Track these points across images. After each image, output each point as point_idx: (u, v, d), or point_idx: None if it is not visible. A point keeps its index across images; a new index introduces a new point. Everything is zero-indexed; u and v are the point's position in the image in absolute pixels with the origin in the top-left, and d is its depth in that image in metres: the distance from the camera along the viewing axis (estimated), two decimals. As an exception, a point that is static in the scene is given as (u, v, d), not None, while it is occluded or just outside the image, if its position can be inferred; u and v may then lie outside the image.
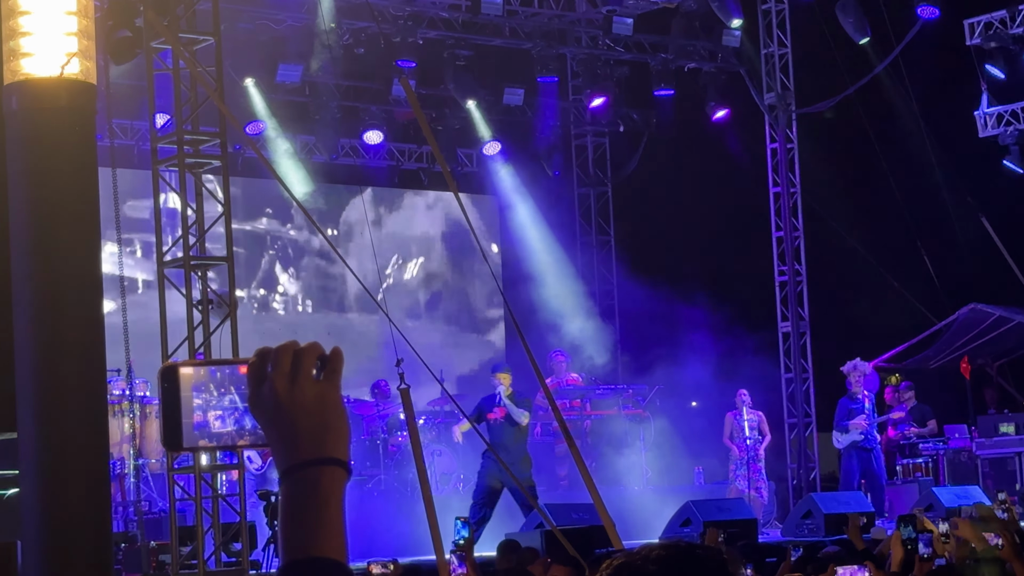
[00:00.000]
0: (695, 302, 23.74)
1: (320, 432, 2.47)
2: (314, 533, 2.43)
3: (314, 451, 2.46)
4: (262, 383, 2.48)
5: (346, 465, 2.49)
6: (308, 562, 2.42)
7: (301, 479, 2.45)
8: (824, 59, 23.83)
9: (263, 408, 2.49)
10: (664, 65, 24.74)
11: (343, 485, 2.49)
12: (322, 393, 2.49)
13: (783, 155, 24.65)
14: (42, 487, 5.26)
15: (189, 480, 14.15)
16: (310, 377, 2.48)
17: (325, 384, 2.50)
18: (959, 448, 22.81)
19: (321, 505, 2.44)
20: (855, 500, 19.56)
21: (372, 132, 24.04)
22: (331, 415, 2.49)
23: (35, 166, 5.37)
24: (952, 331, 23.79)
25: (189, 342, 14.24)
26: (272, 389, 2.47)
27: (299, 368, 2.48)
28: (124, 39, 15.11)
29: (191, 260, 14.34)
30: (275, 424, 2.48)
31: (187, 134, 14.33)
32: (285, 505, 2.46)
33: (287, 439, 2.47)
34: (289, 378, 2.47)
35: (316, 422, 2.47)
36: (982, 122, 24.37)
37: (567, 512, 16.93)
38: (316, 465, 2.46)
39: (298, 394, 2.47)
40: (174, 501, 14.08)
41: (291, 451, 2.47)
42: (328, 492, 2.46)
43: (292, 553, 2.43)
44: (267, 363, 2.49)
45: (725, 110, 25.24)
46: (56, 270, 5.39)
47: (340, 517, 2.47)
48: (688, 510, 18.27)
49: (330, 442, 2.48)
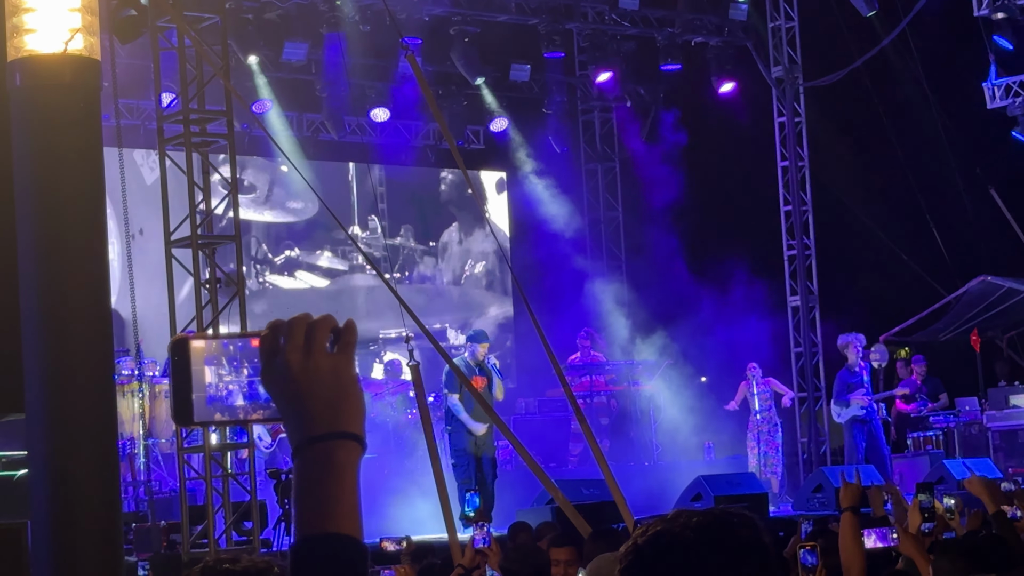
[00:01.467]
0: (704, 277, 23.71)
1: (335, 406, 2.42)
2: (328, 508, 2.39)
3: (328, 425, 2.42)
4: (275, 356, 2.43)
5: (361, 440, 2.44)
6: (322, 538, 2.38)
7: (315, 453, 2.41)
8: (831, 32, 23.74)
9: (276, 382, 2.44)
10: (671, 40, 24.68)
11: (358, 460, 2.45)
12: (336, 366, 2.44)
13: (791, 129, 24.59)
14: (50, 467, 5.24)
15: (199, 459, 14.14)
16: (324, 350, 2.44)
17: (339, 357, 2.45)
18: (970, 420, 22.78)
19: (336, 480, 2.40)
20: (866, 474, 19.52)
21: (379, 109, 24.00)
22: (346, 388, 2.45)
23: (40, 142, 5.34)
24: (962, 304, 23.73)
25: (198, 321, 14.23)
26: (285, 362, 2.42)
27: (313, 341, 2.43)
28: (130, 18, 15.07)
29: (199, 239, 14.31)
30: (289, 398, 2.43)
31: (193, 112, 14.29)
32: (299, 480, 2.42)
33: (301, 413, 2.42)
34: (303, 351, 2.42)
35: (330, 396, 2.42)
36: (990, 93, 24.27)
37: (578, 488, 16.93)
38: (331, 439, 2.42)
39: (312, 367, 2.42)
40: (184, 480, 14.07)
41: (305, 425, 2.42)
42: (343, 467, 2.42)
43: (306, 528, 2.39)
44: (280, 336, 2.44)
45: (732, 84, 25.18)
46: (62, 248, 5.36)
47: (355, 492, 2.43)
48: (699, 485, 18.28)
49: (345, 416, 2.43)
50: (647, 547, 2.74)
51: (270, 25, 21.83)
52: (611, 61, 24.75)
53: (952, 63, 24.42)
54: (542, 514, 15.61)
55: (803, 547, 7.29)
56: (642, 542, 2.76)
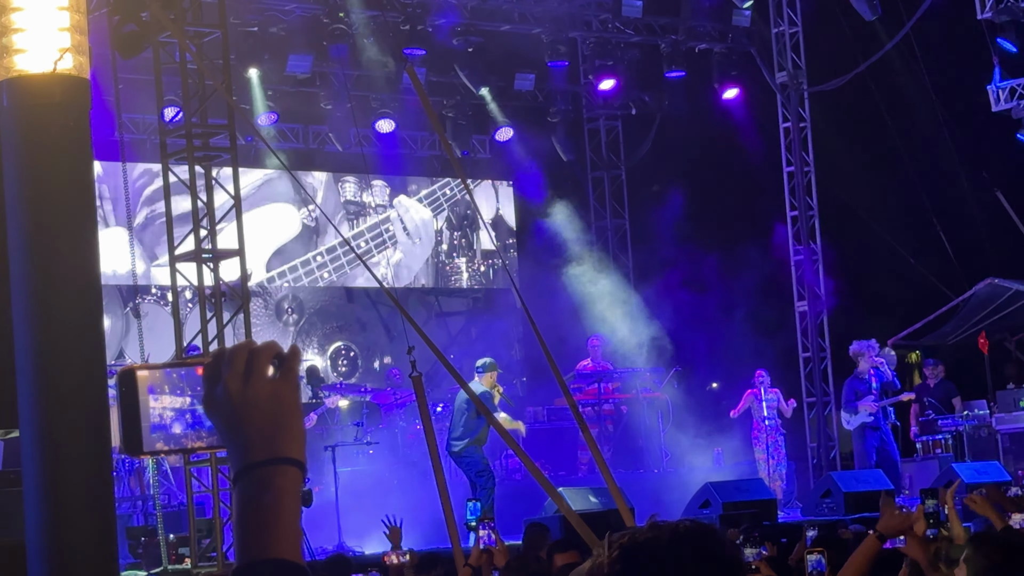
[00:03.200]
0: (711, 284, 23.71)
1: (273, 432, 2.43)
2: (269, 534, 2.39)
3: (268, 451, 2.43)
4: (216, 384, 2.45)
5: (301, 464, 2.45)
6: (262, 564, 2.39)
7: (255, 479, 2.42)
8: (834, 37, 23.75)
9: (216, 409, 2.45)
10: (674, 47, 24.71)
11: (298, 484, 2.45)
12: (276, 392, 2.45)
13: (796, 134, 24.60)
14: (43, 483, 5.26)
15: (207, 473, 14.18)
16: (264, 376, 2.44)
17: (280, 383, 2.46)
18: (979, 423, 22.76)
19: (275, 505, 2.41)
20: (874, 478, 19.53)
21: (384, 121, 24.04)
22: (285, 414, 2.45)
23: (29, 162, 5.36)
24: (969, 307, 23.71)
25: (203, 335, 14.26)
26: (225, 389, 2.43)
27: (253, 368, 2.44)
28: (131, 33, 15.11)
29: (203, 253, 14.35)
30: (228, 425, 2.45)
31: (196, 127, 14.34)
32: (239, 506, 2.43)
33: (240, 440, 2.44)
34: (242, 378, 2.43)
35: (270, 422, 2.43)
36: (995, 96, 24.25)
37: (586, 496, 16.94)
38: (270, 465, 2.42)
39: (251, 394, 2.43)
40: (192, 494, 14.11)
41: (245, 452, 2.43)
42: (283, 492, 2.42)
43: (247, 554, 2.40)
44: (222, 363, 2.46)
45: (737, 90, 25.20)
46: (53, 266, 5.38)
47: (295, 517, 2.43)
48: (707, 491, 18.28)
49: (283, 441, 2.44)
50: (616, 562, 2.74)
51: (274, 38, 21.88)
52: (615, 69, 24.78)
53: (956, 66, 24.42)
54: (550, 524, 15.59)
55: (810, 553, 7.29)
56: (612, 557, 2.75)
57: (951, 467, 19.92)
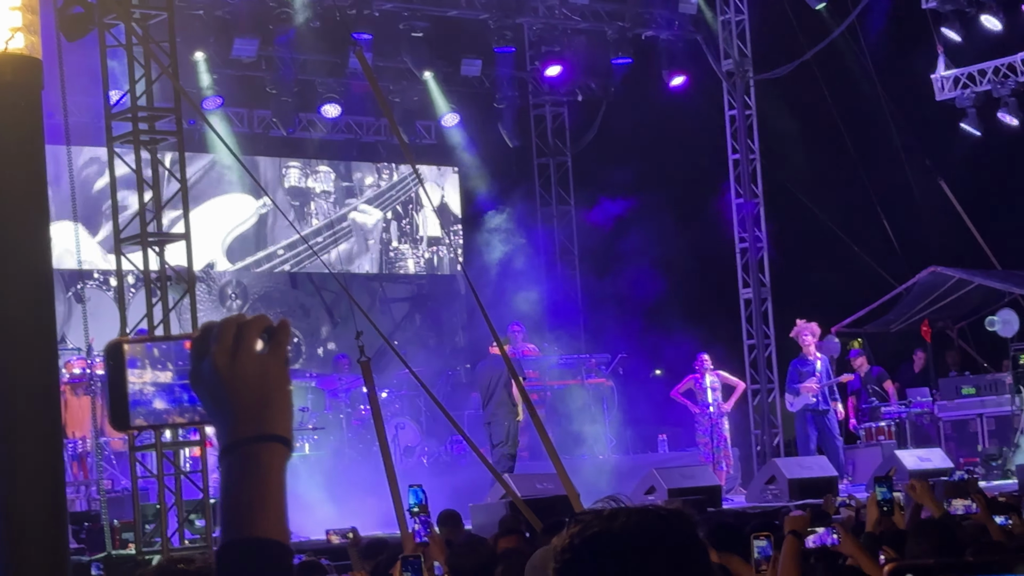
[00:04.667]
0: (656, 270, 23.74)
1: (260, 408, 2.40)
2: (254, 512, 2.36)
3: (254, 427, 2.39)
4: (204, 358, 2.41)
5: (288, 441, 2.41)
6: (248, 542, 2.36)
7: (241, 456, 2.38)
8: (781, 25, 23.81)
9: (203, 384, 2.42)
10: (621, 33, 24.72)
11: (284, 462, 2.41)
12: (264, 367, 2.41)
13: (741, 122, 24.65)
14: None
15: (151, 458, 14.10)
16: (252, 351, 2.41)
17: (268, 358, 2.42)
18: (921, 411, 22.90)
19: (262, 483, 2.37)
20: (818, 465, 19.63)
21: (329, 105, 23.95)
22: (273, 390, 2.41)
23: (-20, 142, 5.30)
24: (912, 294, 23.84)
25: (148, 319, 14.16)
26: (212, 364, 2.40)
27: (241, 342, 2.41)
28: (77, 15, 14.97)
29: (148, 237, 14.25)
30: (215, 400, 2.41)
31: (141, 110, 14.23)
32: (225, 483, 2.39)
33: (227, 415, 2.40)
34: (230, 352, 2.40)
35: (257, 397, 2.40)
36: (939, 85, 24.40)
37: (532, 482, 16.94)
38: (256, 442, 2.39)
39: (238, 369, 2.39)
40: (136, 479, 14.01)
41: (232, 428, 2.39)
42: (269, 469, 2.38)
43: (232, 533, 2.36)
44: (210, 338, 2.42)
45: (683, 77, 25.23)
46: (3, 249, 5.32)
47: (281, 495, 2.39)
48: (652, 478, 18.30)
49: (271, 418, 2.40)
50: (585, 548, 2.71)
51: (219, 21, 21.75)
52: (562, 55, 24.78)
53: (901, 55, 24.54)
54: (496, 509, 15.61)
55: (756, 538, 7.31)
56: (579, 542, 2.73)
57: (894, 454, 20.04)
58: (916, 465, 18.85)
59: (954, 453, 21.65)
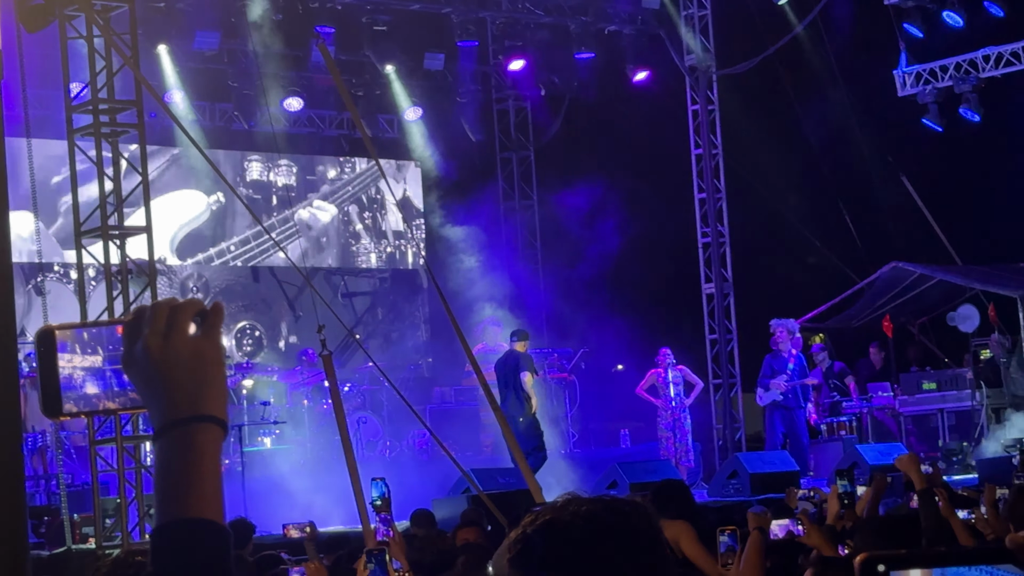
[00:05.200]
0: (619, 265, 23.75)
1: (194, 389, 2.38)
2: (189, 494, 2.34)
3: (189, 409, 2.37)
4: (136, 342, 2.40)
5: (223, 423, 2.40)
6: (184, 523, 2.33)
7: (175, 438, 2.36)
8: (744, 20, 23.84)
9: (136, 367, 2.40)
10: (584, 28, 24.72)
11: (219, 443, 2.39)
12: (198, 349, 2.40)
13: (704, 117, 24.66)
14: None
15: (112, 452, 14.03)
16: (185, 333, 2.39)
17: (202, 339, 2.41)
18: (882, 406, 22.97)
19: (196, 464, 2.35)
20: (780, 460, 19.67)
21: (292, 99, 23.88)
22: (207, 371, 2.40)
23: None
24: (874, 290, 23.91)
25: (109, 312, 14.10)
26: (145, 347, 2.38)
27: (174, 324, 2.39)
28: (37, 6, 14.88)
29: (109, 230, 14.19)
30: (148, 383, 2.39)
31: (102, 102, 14.16)
32: (159, 465, 2.37)
33: (161, 398, 2.38)
34: (162, 335, 2.38)
35: (191, 379, 2.38)
36: (901, 81, 24.49)
37: (493, 477, 16.95)
38: (190, 423, 2.37)
39: (171, 351, 2.38)
40: (97, 473, 13.96)
41: (165, 410, 2.38)
42: (203, 450, 2.36)
43: (167, 514, 2.34)
44: (143, 321, 2.41)
45: (646, 72, 25.24)
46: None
47: (216, 476, 2.37)
48: (614, 472, 18.31)
49: (205, 399, 2.38)
50: (537, 536, 2.72)
51: (181, 14, 21.65)
52: (525, 49, 24.76)
53: (863, 51, 24.60)
54: (458, 503, 15.62)
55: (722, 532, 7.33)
56: (531, 531, 2.72)
57: (855, 449, 20.09)
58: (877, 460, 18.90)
59: (915, 448, 21.71)
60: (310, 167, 25.85)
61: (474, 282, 23.58)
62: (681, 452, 20.98)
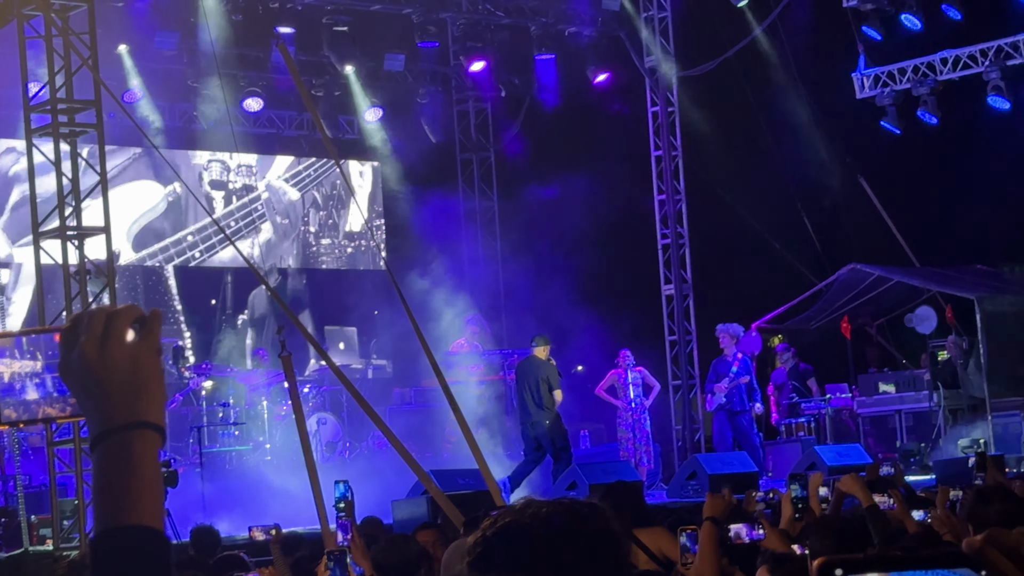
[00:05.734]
0: (579, 267, 23.76)
1: (131, 396, 2.38)
2: (127, 500, 2.34)
3: (125, 415, 2.37)
4: (73, 348, 2.40)
5: (160, 428, 2.40)
6: (122, 529, 2.33)
7: (112, 445, 2.36)
8: (704, 22, 23.91)
9: (73, 374, 2.40)
10: (544, 29, 24.73)
11: (156, 449, 2.39)
12: (134, 356, 2.40)
13: (664, 118, 24.70)
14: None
15: (70, 453, 13.98)
16: (122, 340, 2.39)
17: (139, 345, 2.41)
18: (840, 407, 23.06)
19: (134, 471, 2.35)
20: (739, 461, 19.72)
21: (252, 99, 23.83)
22: (143, 378, 2.40)
23: None
24: (832, 291, 23.99)
25: (67, 312, 14.05)
26: (81, 354, 2.38)
27: (110, 331, 2.39)
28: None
29: (67, 230, 14.14)
30: (85, 390, 2.40)
31: (61, 102, 14.10)
32: (97, 473, 2.38)
33: (97, 405, 2.39)
34: (99, 342, 2.38)
35: (127, 386, 2.38)
36: (859, 83, 24.59)
37: (453, 477, 16.92)
38: (127, 430, 2.37)
39: (107, 357, 2.38)
40: (54, 475, 13.90)
41: (102, 417, 2.38)
42: (141, 457, 2.36)
43: (105, 521, 2.34)
44: (80, 328, 2.41)
45: (606, 74, 25.27)
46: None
47: (155, 482, 2.38)
48: (574, 473, 18.32)
49: (141, 405, 2.39)
50: (496, 539, 2.72)
51: (140, 14, 21.57)
52: (485, 51, 24.76)
53: (822, 53, 24.70)
54: (417, 504, 15.59)
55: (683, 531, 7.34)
56: (490, 534, 2.73)
57: (813, 450, 20.15)
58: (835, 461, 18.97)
59: (873, 449, 21.82)
60: (270, 167, 25.78)
61: (434, 283, 23.55)
62: (641, 453, 21.01)
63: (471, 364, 22.45)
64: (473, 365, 22.51)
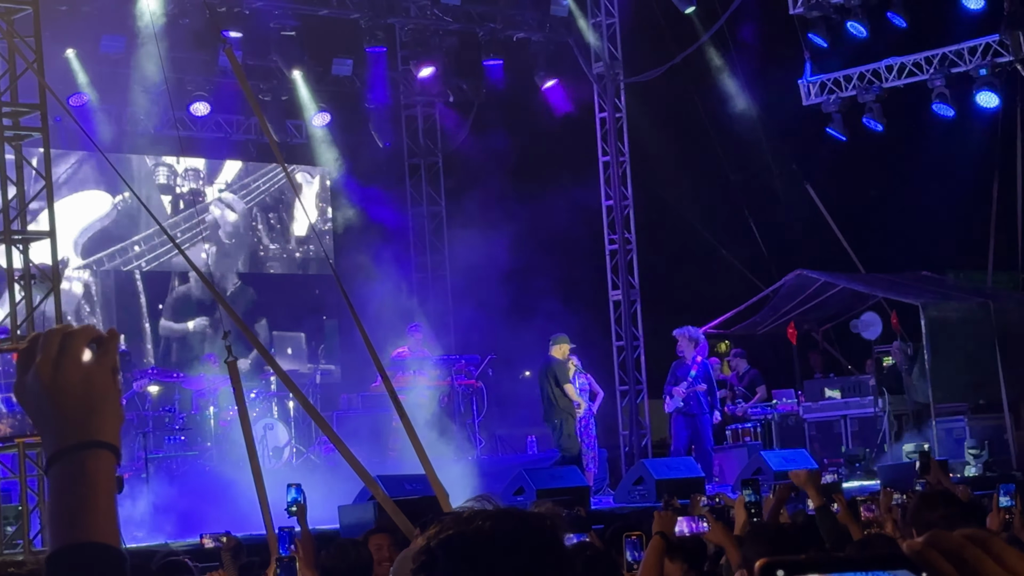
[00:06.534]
0: (527, 271, 23.78)
1: (85, 416, 2.39)
2: (82, 518, 2.35)
3: (80, 435, 2.38)
4: (28, 369, 2.40)
5: (115, 448, 2.40)
6: (77, 547, 2.33)
7: (67, 464, 2.37)
8: (651, 29, 23.98)
9: (28, 394, 2.41)
10: (492, 35, 24.76)
11: (112, 468, 2.40)
12: (88, 376, 2.40)
13: (612, 124, 24.76)
14: None
15: (13, 458, 13.89)
16: (77, 360, 2.40)
17: (93, 366, 2.41)
18: (786, 412, 23.16)
19: (88, 490, 2.36)
20: (685, 466, 19.76)
21: (199, 103, 23.74)
22: (98, 398, 2.40)
23: None
24: (779, 297, 24.09)
25: (12, 318, 13.97)
26: (36, 375, 2.39)
27: (65, 351, 2.40)
28: (-61, 9, 14.72)
29: (12, 235, 14.05)
30: (40, 411, 2.40)
31: (5, 106, 14.02)
32: (52, 492, 2.38)
33: (53, 425, 2.39)
34: (53, 363, 2.39)
35: (81, 406, 2.39)
36: (805, 90, 24.71)
37: (400, 483, 16.89)
38: (82, 449, 2.38)
39: (62, 378, 2.38)
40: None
41: (57, 436, 2.38)
42: (96, 476, 2.37)
43: (61, 539, 2.34)
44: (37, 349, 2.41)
45: (554, 80, 25.32)
46: None
47: (110, 501, 2.38)
48: (521, 479, 18.32)
49: (96, 425, 2.39)
50: (440, 550, 2.72)
51: (86, 17, 21.47)
52: (433, 56, 24.76)
53: (769, 60, 24.82)
54: (364, 510, 15.56)
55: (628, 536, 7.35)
56: (435, 545, 2.74)
57: (760, 455, 20.22)
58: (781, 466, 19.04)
59: (818, 454, 21.91)
60: (217, 172, 25.71)
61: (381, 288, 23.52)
62: (588, 458, 21.02)
63: (418, 369, 22.42)
64: (419, 370, 22.48)
